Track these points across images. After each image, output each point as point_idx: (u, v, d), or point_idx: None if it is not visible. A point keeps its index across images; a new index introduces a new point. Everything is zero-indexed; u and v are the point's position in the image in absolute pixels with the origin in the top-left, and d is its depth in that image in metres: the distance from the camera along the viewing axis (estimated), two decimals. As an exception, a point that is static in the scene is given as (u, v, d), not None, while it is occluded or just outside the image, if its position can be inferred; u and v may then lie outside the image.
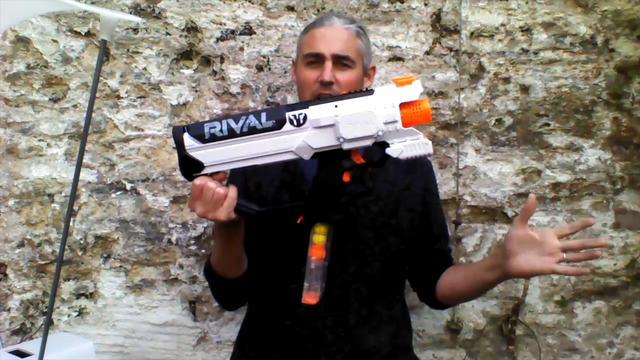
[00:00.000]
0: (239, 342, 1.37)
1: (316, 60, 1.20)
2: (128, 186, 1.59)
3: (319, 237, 1.04)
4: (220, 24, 1.56)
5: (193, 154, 0.99)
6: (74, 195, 1.02)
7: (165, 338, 1.64)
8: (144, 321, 1.63)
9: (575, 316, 1.64)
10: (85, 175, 1.58)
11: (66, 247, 1.56)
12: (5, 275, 1.60)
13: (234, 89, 1.58)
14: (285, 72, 1.57)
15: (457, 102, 1.59)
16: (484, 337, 1.65)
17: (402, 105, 0.97)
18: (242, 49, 1.56)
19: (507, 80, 1.59)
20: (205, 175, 1.00)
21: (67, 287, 1.61)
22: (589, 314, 1.64)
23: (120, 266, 1.61)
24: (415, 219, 1.27)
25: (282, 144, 0.98)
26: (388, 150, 0.98)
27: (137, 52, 1.56)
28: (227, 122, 0.99)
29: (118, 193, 1.59)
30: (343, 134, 0.97)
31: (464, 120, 1.59)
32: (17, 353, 1.34)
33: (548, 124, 1.60)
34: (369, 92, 0.99)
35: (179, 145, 1.00)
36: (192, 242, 1.60)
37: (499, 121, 1.60)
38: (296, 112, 0.98)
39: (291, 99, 1.57)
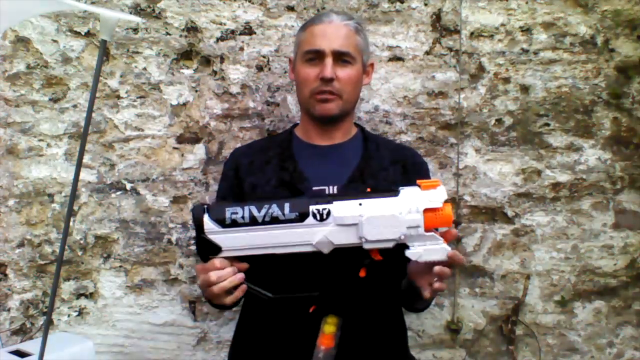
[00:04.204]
0: (232, 349, 1.33)
1: (316, 56, 1.20)
2: (128, 186, 1.59)
3: (329, 327, 1.04)
4: (220, 24, 1.56)
5: (212, 237, 0.99)
6: (74, 195, 1.02)
7: (165, 338, 1.64)
8: (144, 321, 1.63)
9: (575, 316, 1.64)
10: (85, 175, 1.58)
11: (66, 247, 1.56)
12: (5, 275, 1.60)
13: (234, 89, 1.58)
14: (285, 72, 1.57)
15: (457, 102, 1.58)
16: (484, 337, 1.65)
17: (426, 210, 0.97)
18: (242, 49, 1.56)
19: (507, 80, 1.59)
20: (223, 258, 1.01)
21: (67, 287, 1.61)
22: (589, 314, 1.64)
23: (120, 266, 1.61)
24: None
25: (303, 237, 0.98)
26: (407, 253, 0.99)
27: (137, 52, 1.56)
28: (250, 209, 0.98)
29: (118, 193, 1.59)
30: (366, 235, 0.97)
31: (464, 120, 1.59)
32: (17, 353, 1.34)
33: (548, 124, 1.60)
34: (394, 192, 0.99)
35: (198, 227, 1.00)
36: (192, 242, 1.60)
37: (499, 121, 1.60)
38: (320, 207, 0.98)
39: (291, 99, 1.57)
